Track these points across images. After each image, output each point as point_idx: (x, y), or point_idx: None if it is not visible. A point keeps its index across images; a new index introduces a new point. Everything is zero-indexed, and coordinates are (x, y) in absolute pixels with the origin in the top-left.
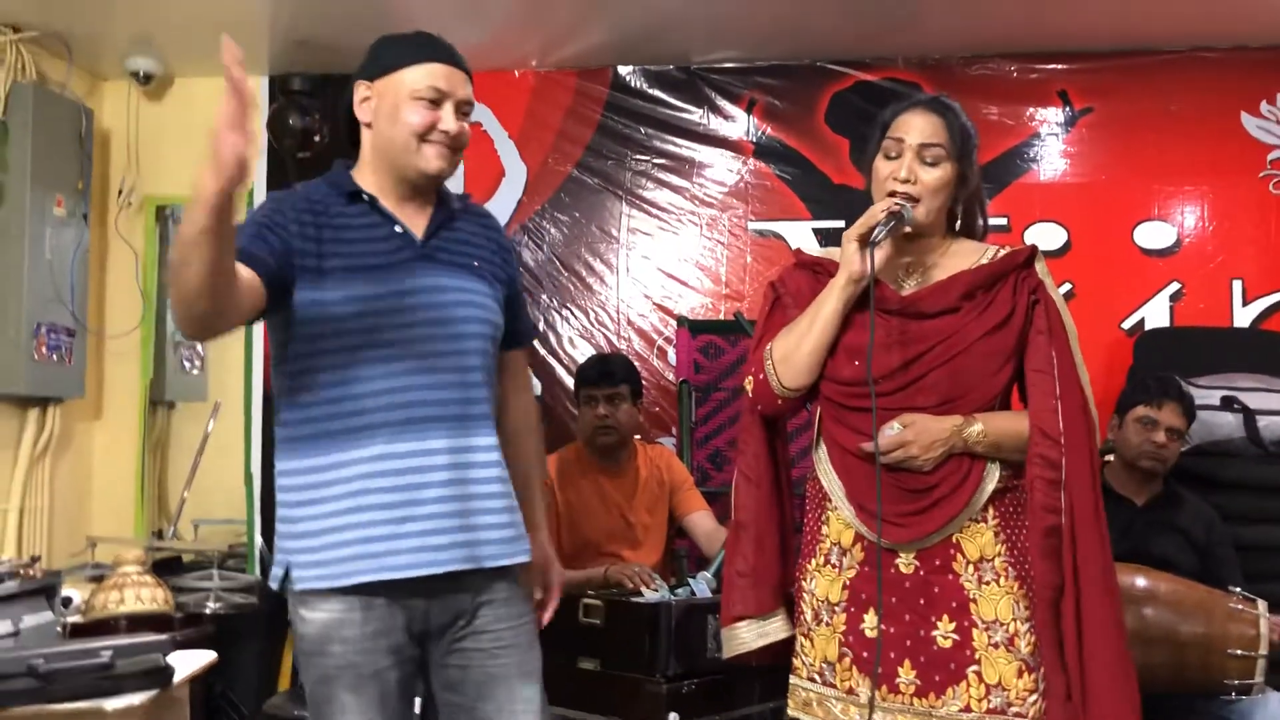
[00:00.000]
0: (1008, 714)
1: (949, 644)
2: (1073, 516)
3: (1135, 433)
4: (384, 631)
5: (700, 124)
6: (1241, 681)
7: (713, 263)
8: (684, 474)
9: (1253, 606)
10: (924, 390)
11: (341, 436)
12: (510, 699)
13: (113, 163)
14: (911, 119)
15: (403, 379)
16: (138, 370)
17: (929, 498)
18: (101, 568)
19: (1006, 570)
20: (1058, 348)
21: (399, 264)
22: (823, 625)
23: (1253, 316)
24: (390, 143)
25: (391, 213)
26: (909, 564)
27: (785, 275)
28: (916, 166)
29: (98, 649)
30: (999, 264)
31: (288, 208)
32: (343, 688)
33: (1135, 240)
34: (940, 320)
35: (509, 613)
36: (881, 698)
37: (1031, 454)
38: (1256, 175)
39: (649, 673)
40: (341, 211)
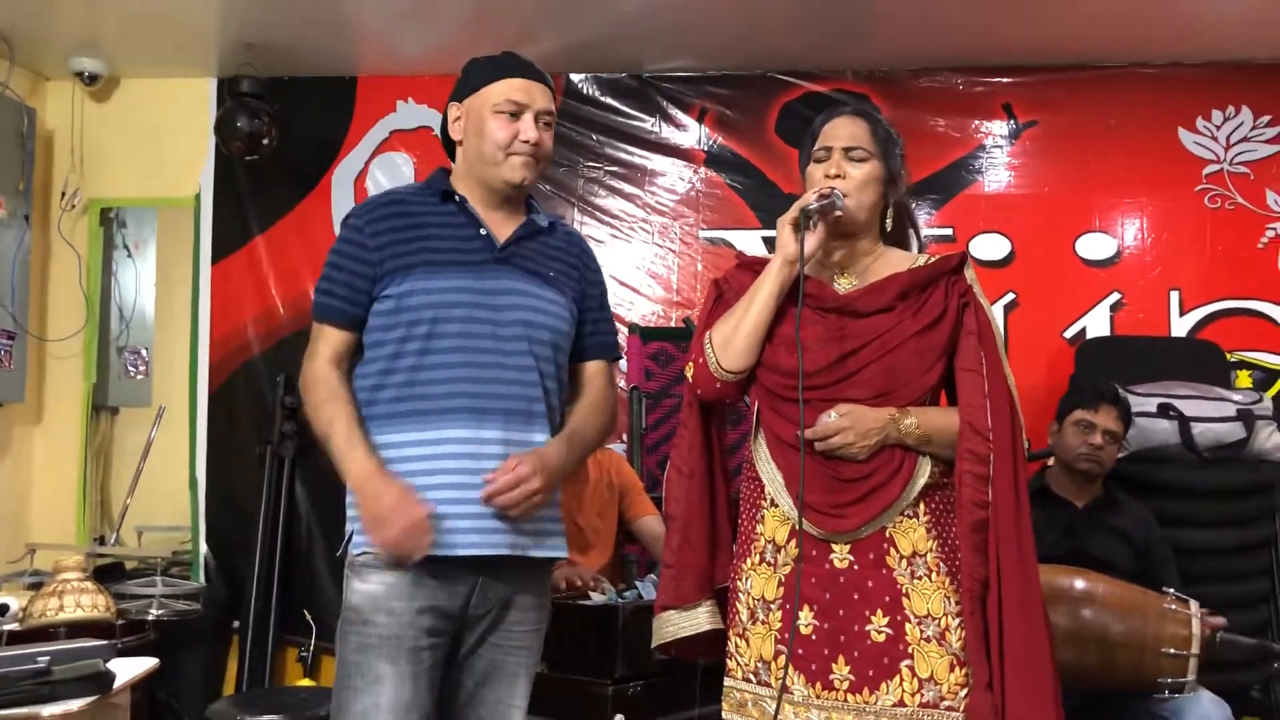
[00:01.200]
0: (940, 708)
1: (882, 638)
2: (997, 511)
3: (1073, 435)
4: (428, 610)
5: (652, 132)
6: (1174, 680)
7: (664, 270)
8: (633, 479)
9: (1185, 607)
10: (858, 384)
11: (402, 419)
12: (510, 693)
13: (56, 164)
14: (836, 126)
15: (464, 370)
16: (80, 375)
17: (863, 487)
18: (41, 575)
19: (938, 566)
20: (986, 349)
21: (477, 264)
22: (758, 624)
23: (1189, 326)
24: (479, 155)
25: (479, 216)
26: (843, 559)
27: (729, 274)
28: (844, 164)
29: (34, 654)
30: (932, 267)
31: (364, 222)
32: (382, 658)
33: (1077, 251)
34: (876, 318)
35: (535, 617)
36: (815, 694)
37: (961, 449)
38: (1193, 189)
39: (596, 675)
40: (432, 210)
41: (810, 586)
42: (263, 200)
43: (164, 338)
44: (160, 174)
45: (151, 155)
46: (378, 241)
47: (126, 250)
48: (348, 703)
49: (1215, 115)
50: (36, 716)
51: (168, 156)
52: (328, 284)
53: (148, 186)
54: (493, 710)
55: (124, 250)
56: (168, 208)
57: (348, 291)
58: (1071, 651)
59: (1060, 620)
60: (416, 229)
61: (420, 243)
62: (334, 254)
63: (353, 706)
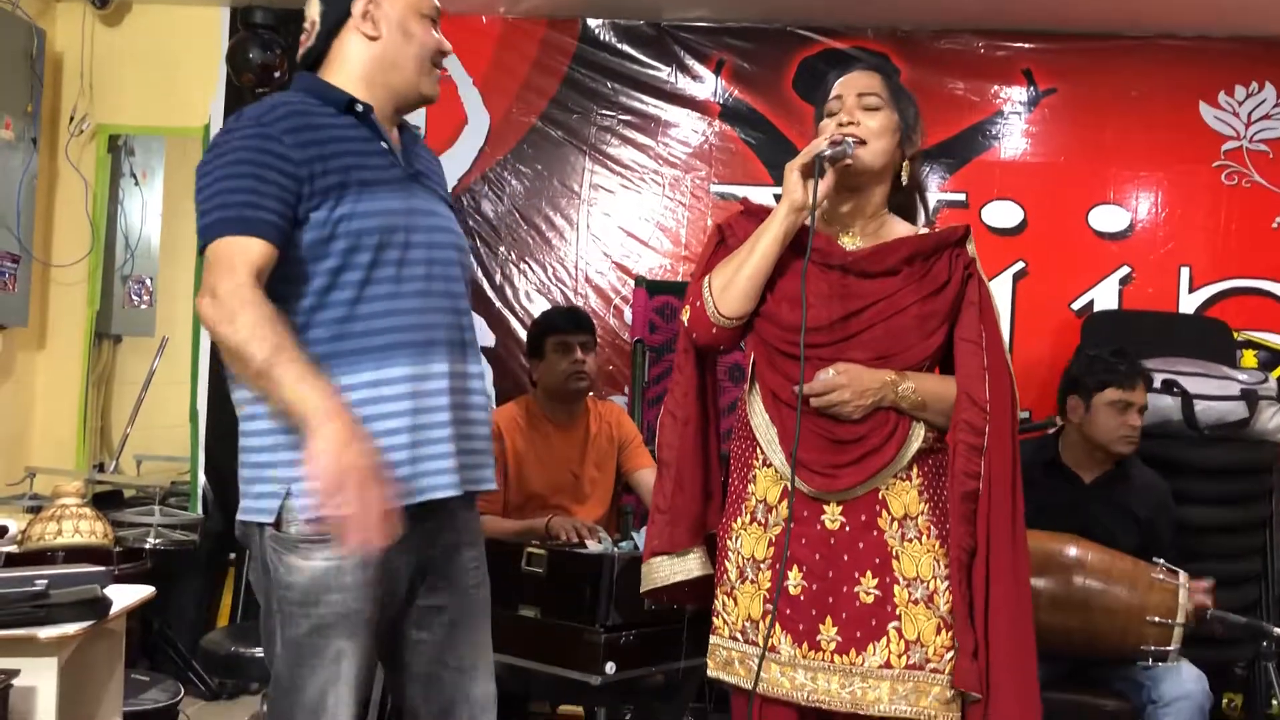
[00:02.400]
0: (925, 670)
1: (871, 600)
2: (990, 484)
3: (1109, 416)
4: (381, 579)
5: (668, 82)
6: (1158, 648)
7: (673, 224)
8: (633, 430)
9: (1174, 577)
10: (859, 345)
11: (341, 359)
12: (480, 632)
13: (65, 88)
14: (850, 78)
15: (407, 300)
16: (84, 301)
17: (858, 449)
18: (40, 499)
19: (929, 529)
20: (987, 323)
21: (397, 182)
22: (747, 583)
23: (1198, 303)
24: (400, 60)
25: (382, 129)
26: (834, 519)
27: (732, 219)
28: (857, 112)
29: (32, 577)
30: (938, 236)
31: (281, 131)
32: (341, 635)
33: (1089, 222)
34: (882, 280)
35: (478, 553)
36: (802, 655)
37: (957, 419)
38: (1210, 165)
39: (589, 622)
40: (331, 123)
41: (800, 547)
42: None
43: (169, 268)
44: (170, 102)
45: (161, 83)
46: (302, 155)
47: (134, 178)
48: (304, 681)
49: (1239, 91)
50: (33, 638)
51: (178, 85)
52: (253, 196)
53: (157, 115)
54: (467, 655)
55: (131, 178)
56: (176, 137)
57: (279, 205)
58: (1059, 617)
59: (1050, 586)
60: (332, 143)
61: (342, 159)
62: (248, 163)
63: (310, 683)
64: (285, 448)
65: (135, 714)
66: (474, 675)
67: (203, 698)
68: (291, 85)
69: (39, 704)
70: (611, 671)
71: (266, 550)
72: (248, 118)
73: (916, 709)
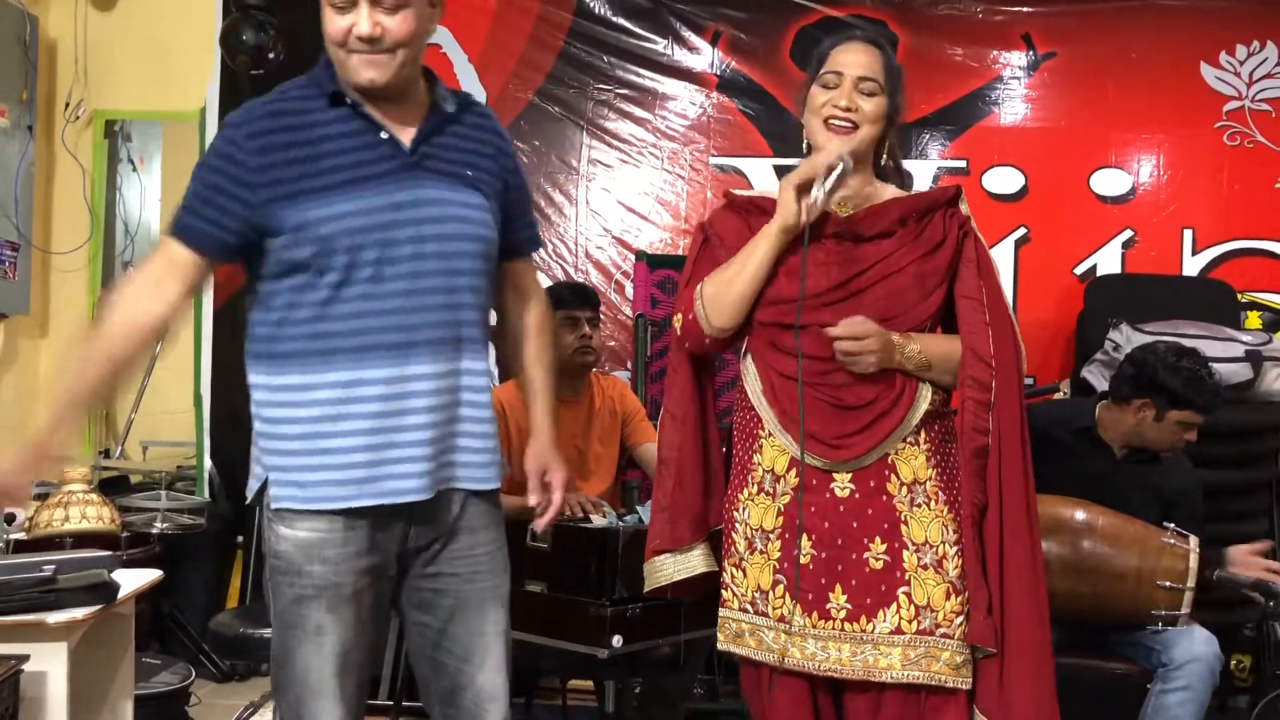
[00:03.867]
0: (935, 635)
1: (880, 565)
2: (999, 438)
3: (1173, 431)
4: (364, 551)
5: (664, 55)
6: (1168, 613)
7: (673, 197)
8: (636, 405)
9: (1184, 542)
10: (862, 308)
11: (319, 358)
12: (481, 622)
13: (59, 74)
14: (850, 52)
15: (386, 301)
16: (85, 288)
17: (866, 415)
18: (46, 486)
19: (937, 494)
20: (986, 279)
21: (384, 175)
22: (756, 554)
23: (1201, 265)
24: (330, 55)
25: (377, 118)
26: (844, 488)
27: (715, 217)
28: (855, 95)
29: (39, 563)
30: (928, 195)
31: (244, 136)
32: (321, 608)
33: (1091, 187)
34: (878, 243)
35: (486, 538)
36: (812, 624)
37: (963, 376)
38: (1212, 126)
39: (595, 596)
40: (320, 119)
41: (809, 515)
42: None
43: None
44: (165, 87)
45: (156, 67)
46: (259, 162)
47: (131, 164)
48: (291, 651)
49: (1240, 50)
50: (42, 623)
51: (172, 69)
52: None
53: (152, 99)
54: (469, 645)
55: (128, 164)
56: (173, 121)
57: (216, 214)
58: (1069, 581)
59: (1059, 550)
60: (308, 144)
61: (314, 162)
62: (207, 168)
63: (296, 655)
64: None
65: (147, 696)
66: (480, 664)
67: (214, 679)
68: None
69: (50, 688)
70: (619, 644)
71: (264, 521)
72: (231, 118)
73: (928, 674)
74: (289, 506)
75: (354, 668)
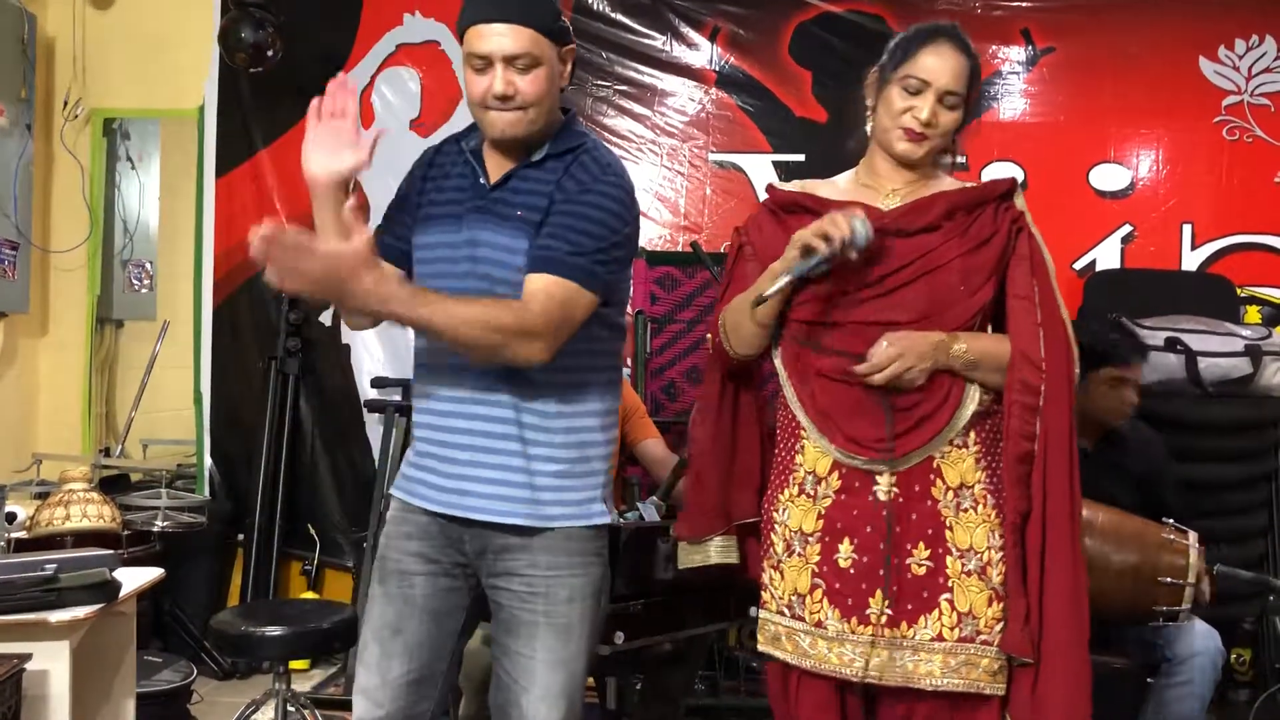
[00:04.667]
0: (976, 642)
1: (923, 571)
2: (1046, 444)
3: (1105, 395)
4: (416, 535)
5: (663, 51)
6: (1169, 609)
7: (672, 194)
8: (636, 402)
9: (1184, 537)
10: (900, 305)
11: (419, 370)
12: (530, 645)
13: (57, 73)
14: (939, 58)
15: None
16: (84, 287)
17: (912, 417)
18: (47, 485)
19: (985, 498)
20: (1039, 279)
21: (457, 215)
22: (794, 557)
23: (1200, 260)
24: (472, 113)
25: (483, 161)
26: (888, 490)
27: (751, 223)
28: (938, 110)
29: (40, 562)
30: (981, 189)
31: (417, 167)
32: (376, 578)
33: (1090, 182)
34: (920, 238)
35: (548, 560)
36: (850, 629)
37: (1012, 378)
38: (1211, 120)
39: None
40: (452, 160)
41: (851, 519)
42: (267, 113)
43: (168, 251)
44: (163, 85)
45: (154, 65)
46: (408, 189)
47: (130, 162)
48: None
49: (1239, 44)
50: (44, 622)
51: (171, 67)
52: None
53: (151, 97)
54: (515, 662)
55: (127, 162)
56: (171, 119)
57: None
58: None
59: None
60: (436, 179)
61: (432, 194)
62: (400, 188)
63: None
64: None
65: (149, 694)
66: (526, 687)
67: (215, 677)
68: None
69: (52, 686)
70: (620, 641)
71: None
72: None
73: (967, 681)
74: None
75: (402, 653)
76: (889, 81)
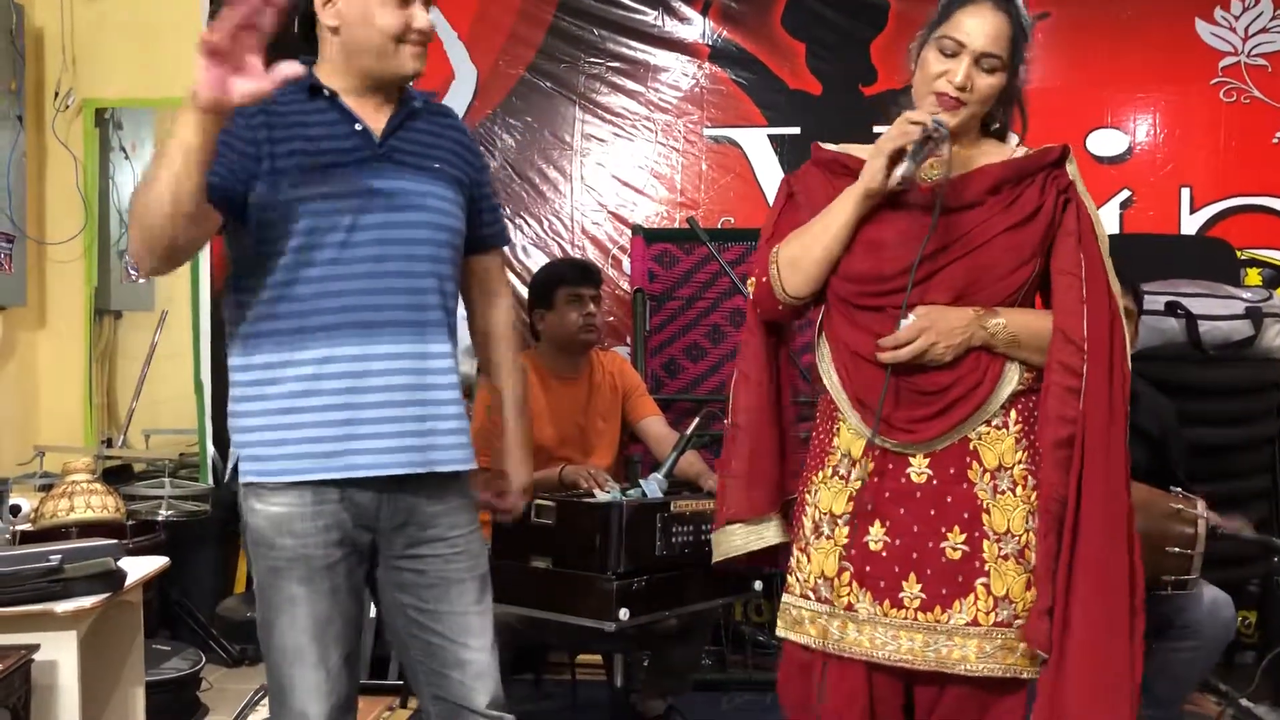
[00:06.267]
0: (1013, 626)
1: (958, 556)
2: (1085, 428)
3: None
4: (335, 525)
5: (655, 26)
6: (1178, 578)
7: (668, 170)
8: (636, 380)
9: (1191, 505)
10: (939, 285)
11: (286, 336)
12: (463, 601)
13: (47, 63)
14: (977, 17)
15: (349, 282)
16: (81, 278)
17: (944, 399)
18: (50, 477)
19: (1025, 479)
20: (1087, 252)
21: (354, 164)
22: (822, 539)
23: (1200, 224)
24: (363, 46)
25: (352, 110)
26: (921, 473)
27: (801, 173)
28: (974, 73)
29: (45, 553)
30: (1028, 160)
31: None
32: (293, 580)
33: (1088, 147)
34: (962, 214)
35: (463, 519)
36: (883, 613)
37: (1052, 359)
38: (1208, 83)
39: (600, 570)
40: (300, 109)
41: (884, 502)
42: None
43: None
44: (155, 73)
45: (145, 54)
46: (252, 135)
47: (123, 152)
48: (270, 621)
49: (1234, 5)
50: (50, 613)
51: (161, 55)
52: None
53: (142, 86)
54: (453, 624)
55: (121, 152)
56: (164, 108)
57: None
58: None
59: None
60: (287, 127)
61: (293, 144)
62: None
63: (275, 626)
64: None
65: (158, 683)
66: (466, 642)
67: (224, 664)
68: None
69: (61, 677)
70: (625, 618)
71: (241, 496)
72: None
73: (1003, 666)
74: (255, 480)
75: (336, 640)
76: (927, 43)
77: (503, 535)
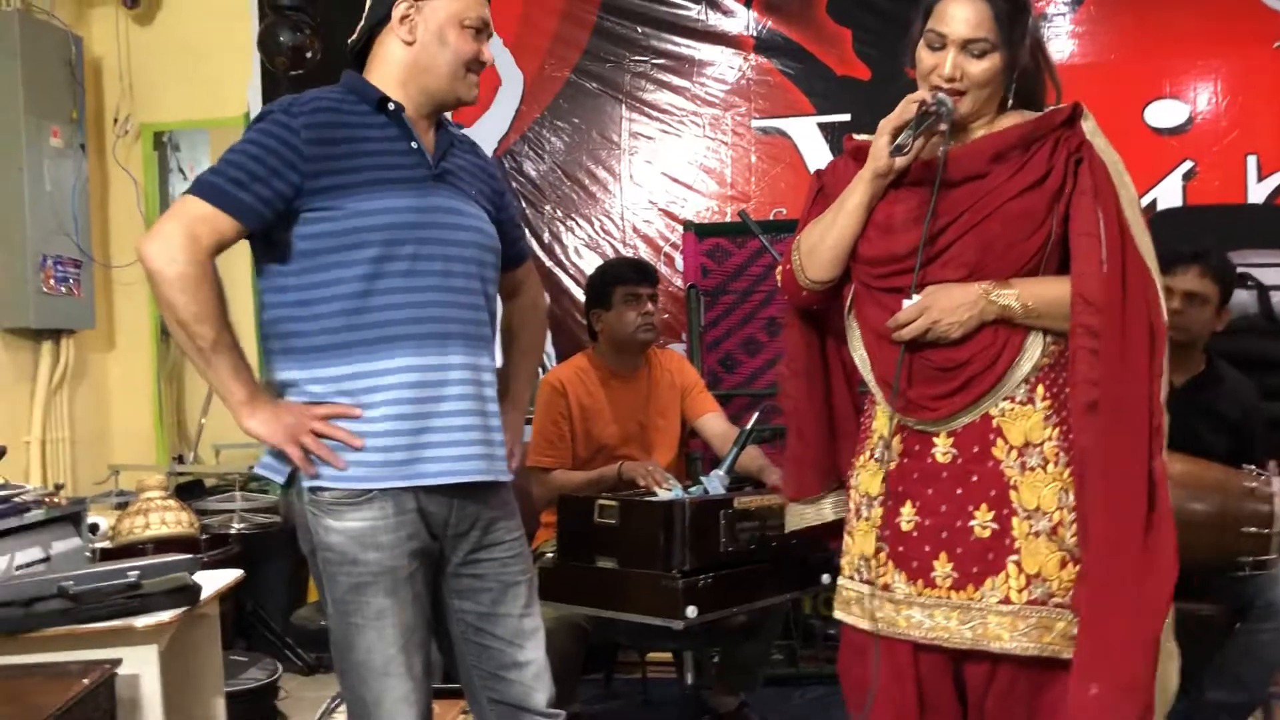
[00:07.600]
0: (1049, 605)
1: (987, 534)
2: (1103, 390)
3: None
4: (414, 535)
5: (699, 20)
6: (1256, 558)
7: (717, 164)
8: (695, 377)
9: (1267, 484)
10: (949, 263)
11: (361, 347)
12: (518, 604)
13: (106, 91)
14: (957, 7)
15: (424, 294)
16: (146, 300)
17: (960, 375)
18: (125, 495)
19: (1056, 456)
20: (1105, 209)
21: (418, 180)
22: (862, 520)
23: (1268, 192)
24: (434, 65)
25: (413, 129)
26: (946, 452)
27: (832, 164)
28: (962, 61)
29: (124, 569)
30: (1033, 124)
31: (302, 125)
32: (380, 593)
33: (1146, 120)
34: (966, 187)
35: (515, 524)
36: (917, 592)
37: (1074, 324)
38: (1271, 46)
39: (666, 569)
40: (362, 121)
41: (912, 482)
42: None
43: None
44: (208, 94)
45: (198, 76)
46: (313, 151)
47: (182, 173)
48: (353, 638)
49: None
50: (131, 628)
51: (214, 76)
52: (246, 176)
53: (197, 108)
54: (509, 627)
55: (179, 173)
56: (219, 128)
57: (268, 193)
58: None
59: None
60: (353, 142)
61: (360, 159)
62: (258, 145)
63: (359, 642)
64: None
65: (237, 693)
66: (523, 644)
67: (300, 673)
68: (340, 81)
69: (144, 690)
70: (693, 615)
71: (306, 514)
72: (280, 104)
73: (1040, 645)
74: (329, 487)
75: (418, 647)
76: (916, 42)
77: (567, 537)
